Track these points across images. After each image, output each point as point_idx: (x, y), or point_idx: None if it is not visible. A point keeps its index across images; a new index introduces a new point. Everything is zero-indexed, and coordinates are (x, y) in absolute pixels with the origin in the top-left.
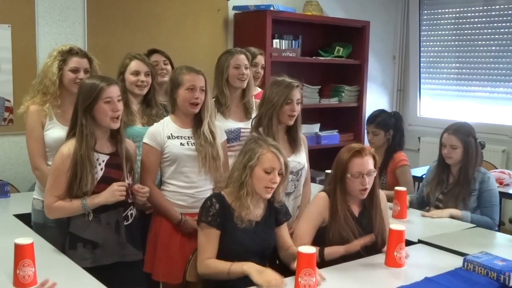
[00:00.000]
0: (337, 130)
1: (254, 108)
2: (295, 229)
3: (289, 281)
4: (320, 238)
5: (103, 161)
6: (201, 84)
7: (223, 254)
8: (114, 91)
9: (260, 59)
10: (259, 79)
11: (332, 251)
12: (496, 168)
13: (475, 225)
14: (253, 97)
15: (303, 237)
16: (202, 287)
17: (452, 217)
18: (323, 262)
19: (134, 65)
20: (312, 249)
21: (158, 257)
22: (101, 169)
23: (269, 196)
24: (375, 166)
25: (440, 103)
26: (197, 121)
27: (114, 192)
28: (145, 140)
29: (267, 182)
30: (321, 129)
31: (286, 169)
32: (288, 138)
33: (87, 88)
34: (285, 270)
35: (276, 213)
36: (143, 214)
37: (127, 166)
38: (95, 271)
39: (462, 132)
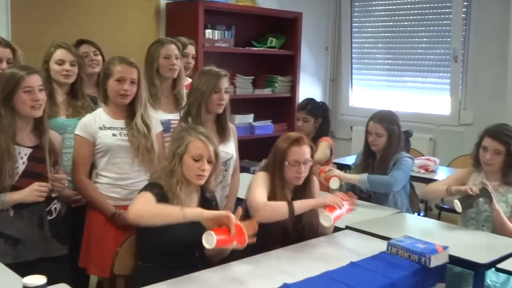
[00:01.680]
0: (270, 120)
1: (185, 98)
2: (250, 199)
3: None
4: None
5: (26, 155)
6: (132, 76)
7: (155, 247)
8: (34, 80)
9: (191, 49)
10: (190, 69)
11: (301, 204)
12: (423, 156)
13: (400, 211)
14: (184, 87)
15: (260, 196)
16: (132, 277)
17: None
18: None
19: (59, 54)
20: None
21: (91, 251)
22: (23, 163)
23: (202, 182)
24: (312, 156)
25: (372, 93)
26: (130, 113)
27: (33, 192)
28: (77, 131)
29: (196, 170)
30: (255, 120)
31: (216, 157)
32: (217, 127)
33: (6, 78)
34: (205, 264)
35: (208, 206)
36: (70, 208)
37: (51, 159)
38: (17, 267)
39: (387, 121)
